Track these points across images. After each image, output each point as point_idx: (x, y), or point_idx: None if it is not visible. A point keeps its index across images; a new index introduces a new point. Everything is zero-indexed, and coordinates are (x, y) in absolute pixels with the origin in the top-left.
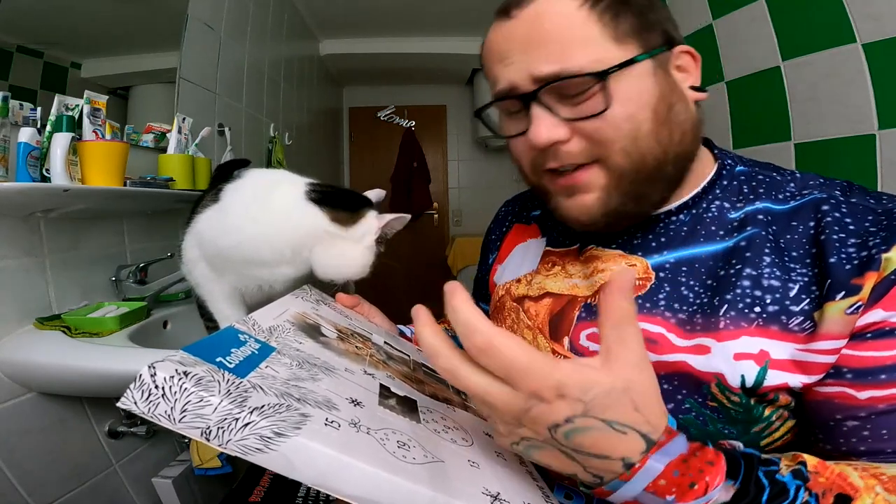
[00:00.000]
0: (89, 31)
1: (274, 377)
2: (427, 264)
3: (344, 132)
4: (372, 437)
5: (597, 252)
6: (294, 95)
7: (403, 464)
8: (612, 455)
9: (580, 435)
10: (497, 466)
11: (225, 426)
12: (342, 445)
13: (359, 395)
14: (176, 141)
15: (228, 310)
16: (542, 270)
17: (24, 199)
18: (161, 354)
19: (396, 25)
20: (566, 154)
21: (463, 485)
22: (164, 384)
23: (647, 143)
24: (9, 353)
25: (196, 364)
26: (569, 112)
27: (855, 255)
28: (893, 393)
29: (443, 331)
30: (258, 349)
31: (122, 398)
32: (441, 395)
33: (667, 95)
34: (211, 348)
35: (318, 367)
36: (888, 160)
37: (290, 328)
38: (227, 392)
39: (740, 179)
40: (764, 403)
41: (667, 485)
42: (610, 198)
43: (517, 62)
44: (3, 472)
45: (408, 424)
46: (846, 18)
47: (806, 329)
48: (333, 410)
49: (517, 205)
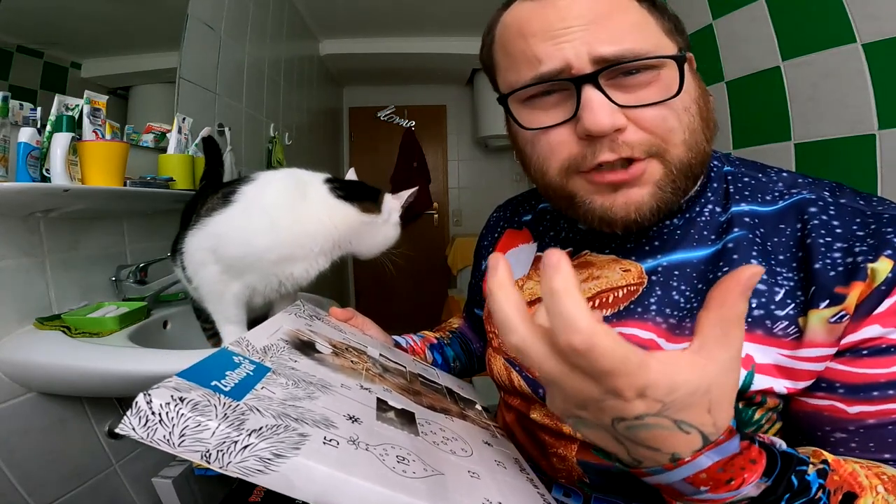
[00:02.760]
0: (89, 31)
1: (270, 398)
2: (427, 264)
3: (344, 132)
4: (371, 453)
5: (591, 258)
6: (294, 95)
7: (403, 478)
8: (664, 449)
9: (643, 430)
10: (497, 475)
11: (224, 449)
12: (341, 463)
13: (356, 411)
14: (176, 141)
15: (234, 309)
16: (533, 276)
17: (24, 199)
18: (161, 354)
19: (396, 25)
20: (624, 144)
21: (463, 497)
22: (161, 410)
23: (700, 137)
24: (9, 353)
25: (191, 389)
26: (625, 99)
27: (840, 262)
28: (884, 409)
29: (519, 295)
30: (253, 370)
31: (121, 424)
32: (439, 406)
33: (704, 93)
34: (205, 372)
35: (315, 385)
36: (888, 160)
37: (285, 346)
38: (224, 416)
39: (727, 180)
40: (753, 407)
41: (706, 479)
42: (664, 193)
43: (575, 40)
44: (3, 472)
45: (407, 438)
46: (846, 18)
47: (790, 334)
48: (332, 428)
49: (508, 210)
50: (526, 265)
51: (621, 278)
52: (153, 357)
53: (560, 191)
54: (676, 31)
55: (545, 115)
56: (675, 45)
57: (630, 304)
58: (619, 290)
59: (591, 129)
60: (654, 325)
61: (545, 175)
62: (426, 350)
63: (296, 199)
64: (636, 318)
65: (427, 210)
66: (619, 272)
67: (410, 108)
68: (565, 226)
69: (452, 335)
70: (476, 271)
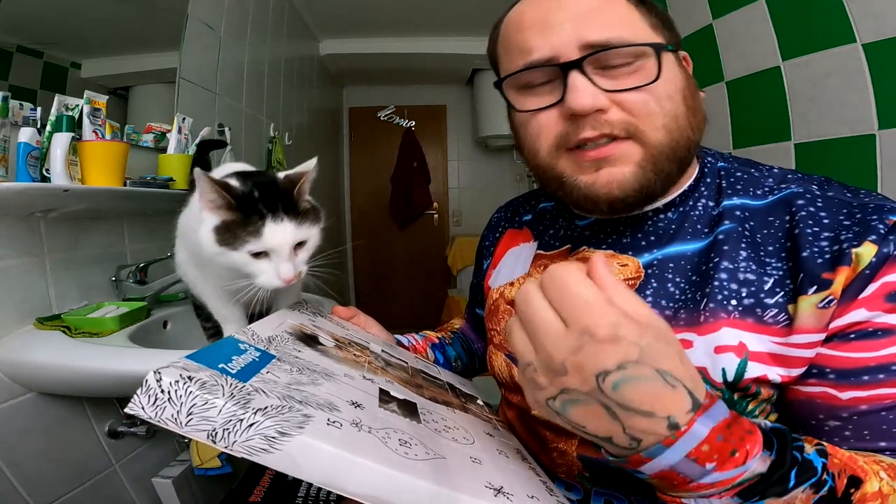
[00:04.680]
0: (89, 31)
1: (276, 381)
2: (427, 264)
3: (344, 132)
4: (374, 435)
5: (588, 254)
6: (294, 95)
7: (406, 460)
8: (659, 412)
9: (630, 385)
10: (500, 462)
11: (230, 427)
12: (345, 443)
13: (359, 398)
14: (176, 141)
15: (224, 309)
16: (533, 273)
17: (24, 199)
18: (161, 354)
19: (396, 25)
20: (605, 122)
21: (465, 479)
22: (170, 388)
23: (683, 123)
24: (9, 353)
25: (199, 370)
26: (609, 84)
27: (827, 250)
28: (875, 394)
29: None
30: (259, 357)
31: (130, 404)
32: (441, 399)
33: (690, 86)
34: (213, 356)
35: (318, 372)
36: (888, 160)
37: (289, 338)
38: (230, 395)
39: (721, 174)
40: (747, 398)
41: (709, 451)
42: (646, 172)
43: (565, 30)
44: (3, 472)
45: (408, 425)
46: (846, 18)
47: (780, 322)
48: (335, 412)
49: (509, 210)
50: (526, 264)
51: (619, 273)
52: (153, 357)
53: (550, 171)
54: (664, 27)
55: (537, 100)
56: (661, 39)
57: None
58: None
59: (574, 108)
60: None
61: (536, 156)
62: (428, 349)
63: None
64: None
65: (427, 210)
66: (616, 267)
67: (410, 108)
68: (564, 224)
69: (454, 335)
70: (478, 271)
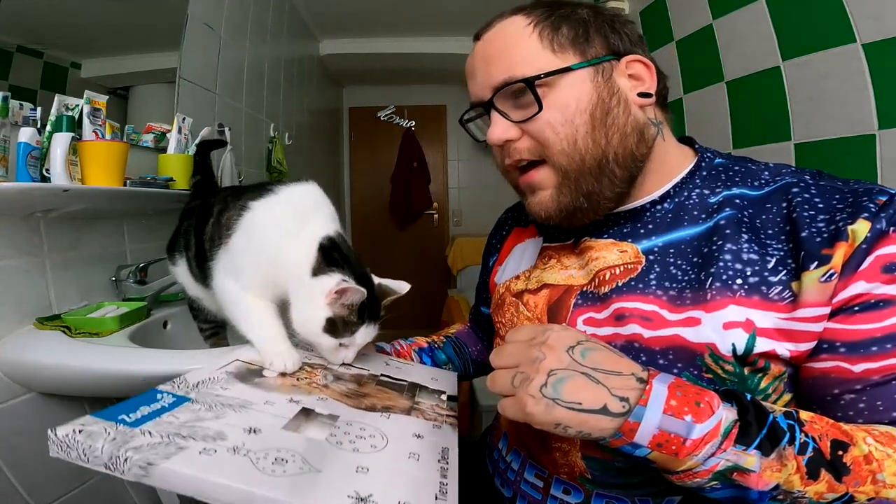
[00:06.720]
0: (89, 31)
1: (170, 423)
2: (427, 264)
3: (344, 132)
4: (247, 458)
5: (591, 243)
6: (294, 95)
7: (265, 476)
8: (624, 371)
9: (591, 353)
10: (400, 466)
11: (114, 461)
12: (207, 467)
13: (262, 423)
14: (176, 141)
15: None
16: (539, 265)
17: (24, 199)
18: (161, 354)
19: (396, 25)
20: (515, 150)
21: (327, 491)
22: (66, 440)
23: (584, 144)
24: (9, 353)
25: (95, 423)
26: (518, 116)
27: (825, 229)
28: (886, 364)
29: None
30: (171, 402)
31: (50, 452)
32: (381, 405)
33: (605, 100)
34: (119, 410)
35: (231, 406)
36: (888, 160)
37: (225, 378)
38: (113, 439)
39: (718, 169)
40: (758, 373)
41: (678, 405)
42: (561, 195)
43: (480, 76)
44: (3, 472)
45: (305, 441)
46: (846, 18)
47: (785, 298)
48: (218, 441)
49: (516, 210)
50: (533, 257)
51: (618, 258)
52: (153, 357)
53: (515, 188)
54: (583, 41)
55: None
56: (572, 60)
57: (631, 281)
58: (616, 268)
59: (489, 141)
60: (655, 297)
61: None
62: (412, 353)
63: (286, 234)
64: (638, 293)
65: (427, 210)
66: (616, 253)
67: (410, 108)
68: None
69: (447, 339)
70: (484, 269)
